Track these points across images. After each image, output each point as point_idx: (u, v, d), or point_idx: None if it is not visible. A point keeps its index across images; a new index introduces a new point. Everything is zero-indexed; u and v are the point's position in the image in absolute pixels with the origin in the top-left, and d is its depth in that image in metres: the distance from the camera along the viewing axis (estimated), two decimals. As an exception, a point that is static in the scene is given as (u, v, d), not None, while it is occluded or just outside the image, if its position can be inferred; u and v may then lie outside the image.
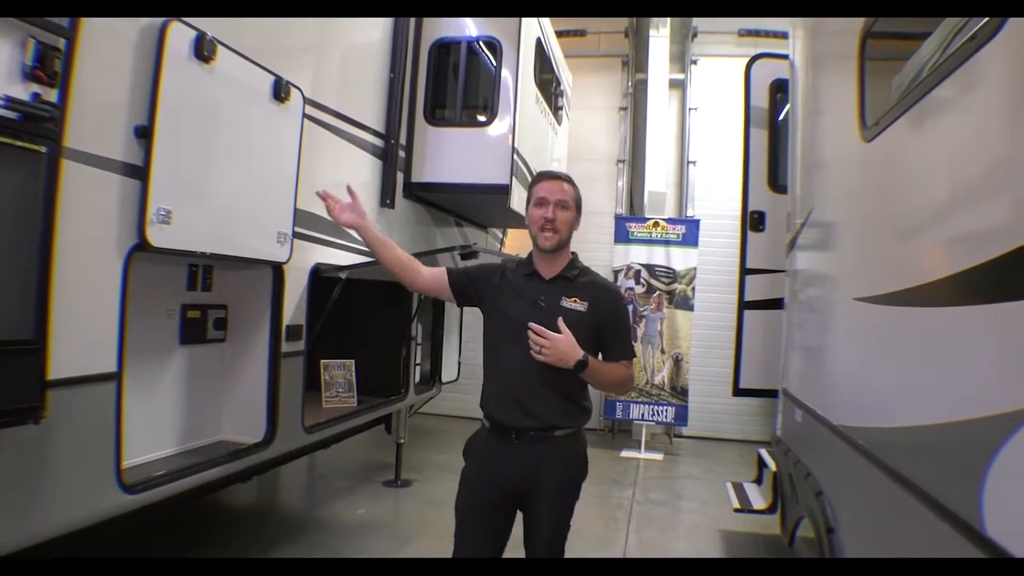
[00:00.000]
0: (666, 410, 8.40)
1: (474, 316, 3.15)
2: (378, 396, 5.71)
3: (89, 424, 2.81)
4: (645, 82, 9.52)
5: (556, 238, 2.63)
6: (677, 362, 8.39)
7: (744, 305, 4.90)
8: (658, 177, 9.24)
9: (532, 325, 2.53)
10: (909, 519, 1.87)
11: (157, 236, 3.00)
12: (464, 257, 4.27)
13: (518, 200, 5.65)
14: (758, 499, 4.93)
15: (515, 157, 5.56)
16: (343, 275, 4.45)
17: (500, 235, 8.92)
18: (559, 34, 8.00)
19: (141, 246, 2.97)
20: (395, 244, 2.89)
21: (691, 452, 8.73)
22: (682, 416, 8.40)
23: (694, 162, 9.85)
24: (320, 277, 4.43)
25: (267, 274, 4.02)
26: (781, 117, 5.01)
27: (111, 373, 2.87)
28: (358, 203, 2.98)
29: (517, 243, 9.46)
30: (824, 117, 3.33)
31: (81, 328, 2.73)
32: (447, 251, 4.29)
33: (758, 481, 5.58)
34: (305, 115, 4.16)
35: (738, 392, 5.01)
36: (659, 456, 8.25)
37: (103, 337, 2.85)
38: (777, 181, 4.91)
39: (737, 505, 4.85)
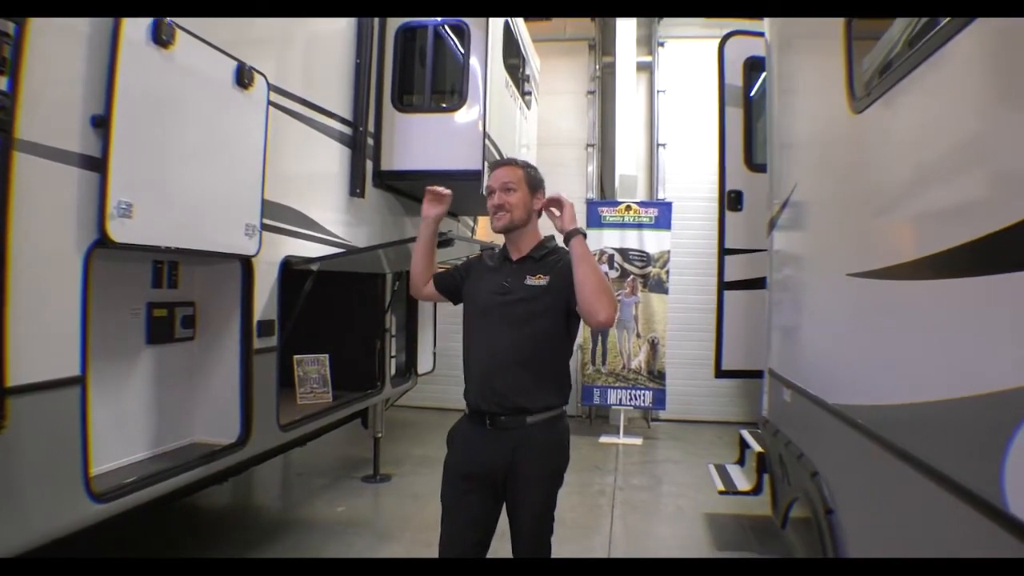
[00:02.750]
0: (644, 394, 8.38)
1: (449, 307, 3.11)
2: (354, 390, 5.59)
3: (53, 432, 2.66)
4: (613, 65, 9.43)
5: (507, 217, 2.69)
6: (653, 346, 8.37)
7: (724, 286, 4.85)
8: (628, 160, 9.18)
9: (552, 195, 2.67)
10: (916, 499, 1.82)
11: (118, 231, 2.84)
12: (440, 245, 4.15)
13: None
14: (742, 481, 4.91)
15: (486, 142, 5.45)
16: (314, 267, 4.30)
17: (471, 223, 8.79)
18: (526, 19, 7.89)
19: (102, 242, 2.81)
20: (435, 254, 2.97)
21: (669, 435, 8.74)
22: (660, 400, 8.39)
23: (664, 145, 9.81)
24: (291, 270, 4.28)
25: (236, 269, 3.87)
26: (754, 94, 4.97)
27: (74, 377, 2.72)
28: (448, 199, 2.93)
29: (489, 230, 9.34)
30: (807, 91, 3.27)
31: (40, 331, 2.57)
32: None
33: (740, 462, 5.57)
34: (271, 103, 4.01)
35: (720, 374, 4.98)
36: (638, 441, 8.24)
37: (65, 339, 2.69)
38: (754, 160, 4.87)
39: (721, 487, 4.83)
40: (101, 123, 2.79)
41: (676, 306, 8.76)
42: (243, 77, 3.61)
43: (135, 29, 2.92)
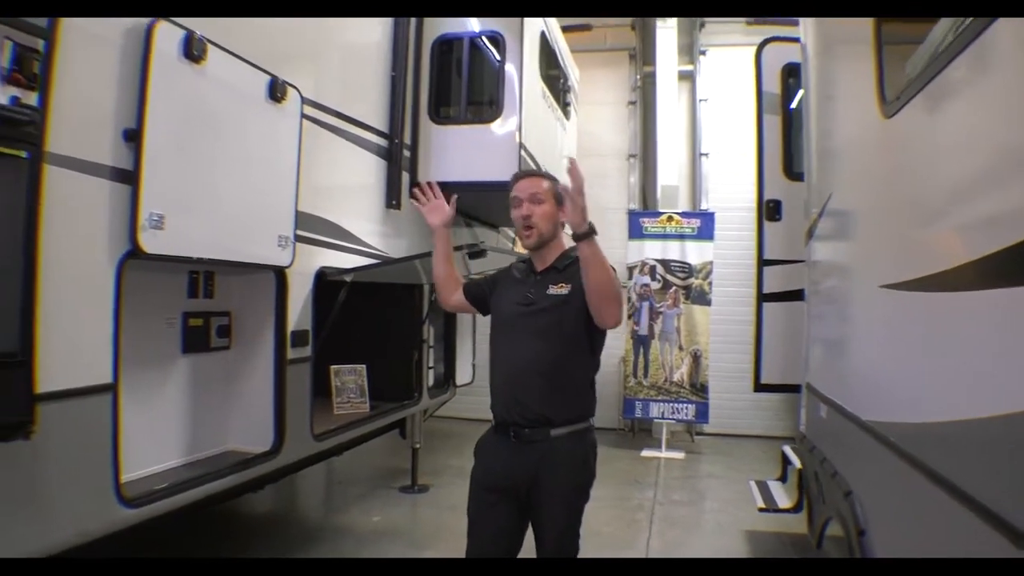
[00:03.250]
0: (686, 408, 8.24)
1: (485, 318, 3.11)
2: (390, 401, 5.61)
3: (84, 437, 2.72)
4: (653, 75, 9.37)
5: (535, 234, 2.67)
6: (696, 358, 8.23)
7: (763, 297, 4.74)
8: (670, 171, 9.08)
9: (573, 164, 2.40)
10: (950, 522, 1.72)
11: (150, 242, 2.90)
12: (472, 256, 4.15)
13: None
14: (783, 498, 4.77)
15: (523, 153, 5.44)
16: (348, 278, 4.34)
17: (512, 234, 8.79)
18: (564, 29, 7.87)
19: (134, 253, 2.87)
20: (453, 261, 3.02)
21: (713, 450, 8.56)
22: (703, 413, 8.24)
23: (706, 154, 9.67)
24: (325, 281, 4.32)
25: (270, 279, 3.93)
26: (795, 103, 4.85)
27: (106, 385, 2.78)
28: (445, 204, 3.08)
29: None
30: (841, 96, 3.18)
31: (72, 339, 2.64)
32: (456, 249, 4.17)
33: (782, 479, 5.43)
34: (305, 115, 4.07)
35: (759, 388, 4.86)
36: (680, 455, 8.09)
37: (96, 348, 2.76)
38: (792, 169, 4.75)
39: (762, 504, 4.70)
40: (133, 137, 2.86)
41: (719, 318, 8.59)
42: (276, 91, 3.67)
43: (167, 43, 2.99)
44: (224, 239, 3.39)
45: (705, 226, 8.30)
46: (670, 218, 8.40)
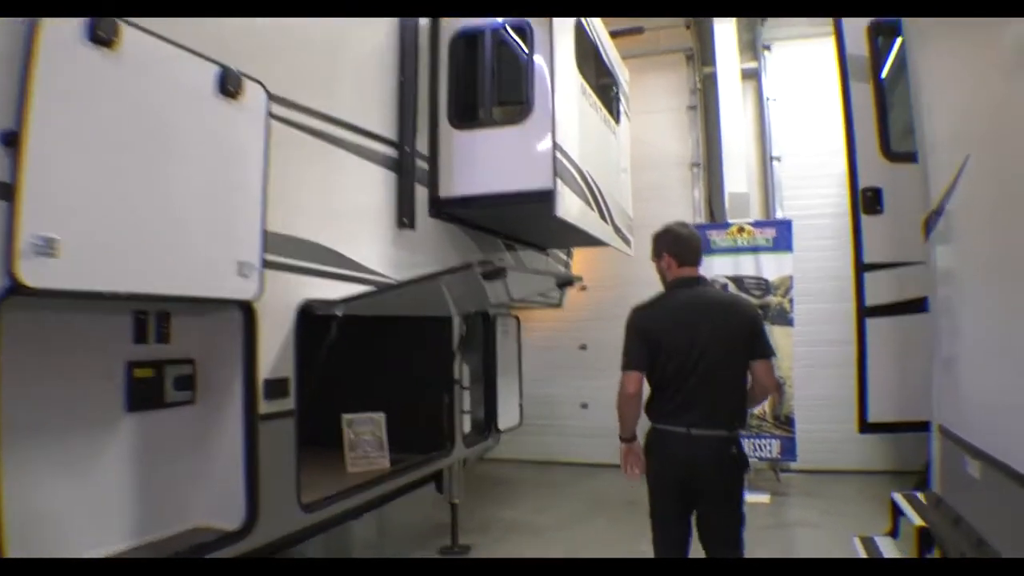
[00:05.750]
0: (770, 444, 7.13)
1: (536, 351, 2.33)
2: (418, 452, 4.81)
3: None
4: (714, 75, 8.59)
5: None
6: (779, 387, 7.12)
7: (864, 312, 3.71)
8: (738, 177, 8.17)
9: None
10: None
11: (35, 274, 2.20)
12: (487, 276, 3.34)
13: (568, 208, 4.68)
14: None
15: (559, 155, 4.60)
16: (339, 312, 3.56)
17: (564, 256, 7.94)
18: (614, 34, 7.09)
19: (15, 288, 2.17)
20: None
21: (802, 490, 7.40)
22: (789, 450, 7.11)
23: (778, 158, 8.69)
24: (313, 316, 3.57)
25: (237, 317, 3.20)
26: (888, 66, 3.88)
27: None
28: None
29: (588, 264, 8.48)
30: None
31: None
32: (461, 270, 3.37)
33: (893, 533, 4.40)
34: (282, 119, 3.38)
35: (866, 428, 3.81)
36: (765, 498, 6.97)
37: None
38: (891, 147, 3.76)
39: (873, 572, 3.68)
40: (12, 140, 2.18)
41: (803, 339, 7.48)
42: (229, 84, 2.96)
43: (63, 28, 2.32)
44: (154, 268, 2.66)
45: (782, 236, 7.24)
46: (741, 229, 7.38)
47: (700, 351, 3.14)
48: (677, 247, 3.36)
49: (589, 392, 8.78)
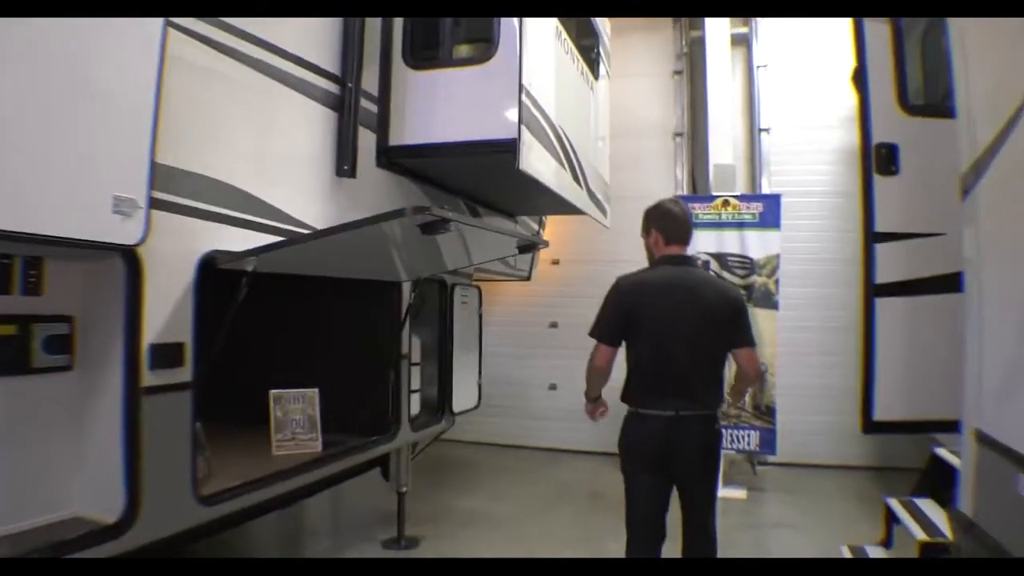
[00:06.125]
0: (748, 435, 6.65)
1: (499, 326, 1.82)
2: (358, 435, 4.25)
3: None
4: (702, 39, 7.98)
5: None
6: (760, 375, 6.64)
7: (874, 291, 3.18)
8: (724, 148, 7.63)
9: None
10: None
11: None
12: (426, 228, 2.76)
13: (535, 163, 4.11)
14: (892, 573, 3.31)
15: (526, 101, 4.01)
16: (249, 267, 2.95)
17: (535, 227, 7.38)
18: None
19: None
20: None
21: (780, 486, 6.94)
22: (769, 443, 6.62)
23: (767, 129, 8.14)
24: (219, 271, 2.97)
25: (119, 267, 2.60)
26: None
27: None
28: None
29: (561, 236, 7.93)
30: None
31: None
32: (393, 216, 2.77)
33: (886, 543, 3.98)
34: (190, 31, 2.78)
35: (871, 427, 3.30)
36: (741, 493, 6.50)
37: None
38: (909, 99, 3.23)
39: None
40: None
41: (787, 324, 7.00)
42: (109, -20, 2.34)
43: None
44: (3, 199, 2.05)
45: (769, 211, 6.71)
46: (726, 202, 6.84)
47: (684, 331, 3.09)
48: (665, 223, 3.32)
49: (559, 373, 8.27)
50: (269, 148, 3.36)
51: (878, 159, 3.16)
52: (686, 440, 3.07)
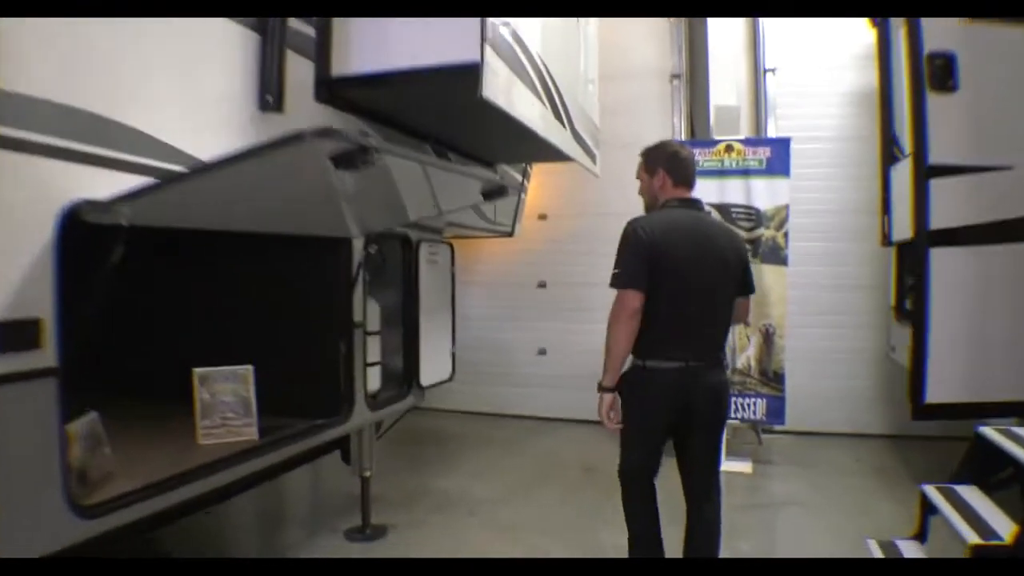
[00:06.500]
0: (754, 403, 6.08)
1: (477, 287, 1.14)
2: (303, 417, 3.66)
3: None
4: (703, -29, 7.20)
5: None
6: (768, 337, 6.01)
7: (929, 239, 2.53)
8: (726, 91, 6.96)
9: None
10: None
11: None
12: (340, 161, 2.11)
13: (503, 91, 3.43)
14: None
15: (496, 20, 3.32)
16: (124, 220, 2.30)
17: (519, 177, 6.71)
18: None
19: None
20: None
21: (789, 457, 6.39)
22: (777, 411, 6.06)
23: (772, 70, 7.44)
24: (92, 227, 2.32)
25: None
26: None
27: None
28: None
29: (548, 189, 7.29)
30: None
31: None
32: (287, 143, 2.08)
33: (921, 537, 3.44)
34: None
35: (921, 412, 2.69)
36: (747, 467, 5.94)
37: None
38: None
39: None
40: None
41: (797, 280, 6.38)
42: None
43: None
44: None
45: (777, 157, 6.04)
46: (729, 148, 6.16)
47: (703, 280, 3.03)
48: (675, 164, 3.21)
49: (549, 336, 7.70)
50: (163, 72, 2.68)
51: (932, 72, 2.48)
52: (698, 387, 3.02)
